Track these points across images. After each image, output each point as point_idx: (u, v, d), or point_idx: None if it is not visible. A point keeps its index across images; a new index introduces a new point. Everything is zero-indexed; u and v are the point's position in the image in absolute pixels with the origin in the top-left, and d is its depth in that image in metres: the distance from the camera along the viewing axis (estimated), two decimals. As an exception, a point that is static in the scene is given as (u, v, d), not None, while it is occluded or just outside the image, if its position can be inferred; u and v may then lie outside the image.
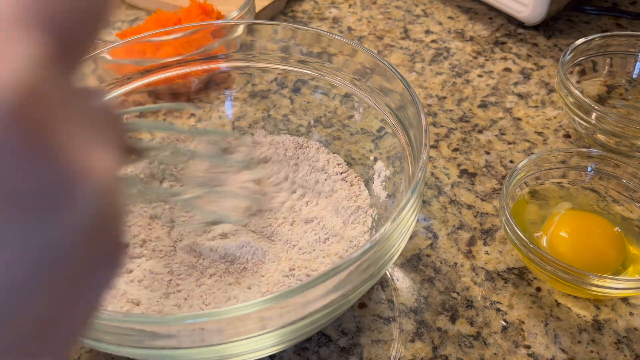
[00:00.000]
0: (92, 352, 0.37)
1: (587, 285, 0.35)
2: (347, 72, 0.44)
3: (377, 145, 0.44)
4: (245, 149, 0.47)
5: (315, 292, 0.28)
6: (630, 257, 0.39)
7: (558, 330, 0.37)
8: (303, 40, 0.45)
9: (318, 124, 0.48)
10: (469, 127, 0.53)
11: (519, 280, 0.40)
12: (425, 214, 0.45)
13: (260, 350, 0.30)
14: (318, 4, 0.72)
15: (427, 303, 0.39)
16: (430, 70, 0.60)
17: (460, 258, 0.42)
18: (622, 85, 0.54)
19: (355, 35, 0.66)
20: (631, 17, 0.66)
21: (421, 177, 0.31)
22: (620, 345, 0.36)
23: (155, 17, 0.56)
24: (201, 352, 0.28)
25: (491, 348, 0.36)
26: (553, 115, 0.54)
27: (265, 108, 0.50)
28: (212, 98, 0.52)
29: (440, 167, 0.49)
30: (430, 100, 0.56)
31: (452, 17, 0.68)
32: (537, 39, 0.64)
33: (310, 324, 0.30)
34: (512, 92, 0.57)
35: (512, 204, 0.41)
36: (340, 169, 0.45)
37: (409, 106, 0.38)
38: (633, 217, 0.42)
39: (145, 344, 0.28)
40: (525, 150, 0.50)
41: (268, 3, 0.66)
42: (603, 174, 0.43)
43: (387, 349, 0.36)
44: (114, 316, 0.27)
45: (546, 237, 0.40)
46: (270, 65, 0.48)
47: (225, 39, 0.48)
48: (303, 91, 0.49)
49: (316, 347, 0.37)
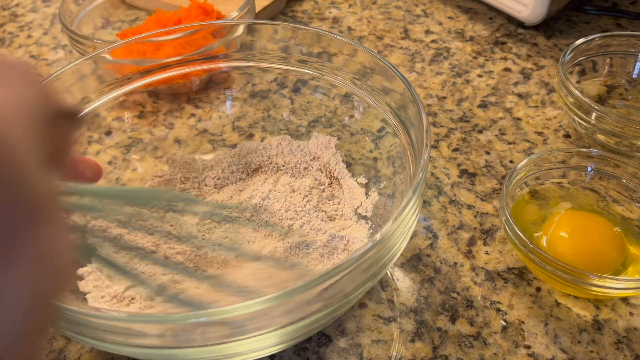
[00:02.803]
0: (92, 351, 0.37)
1: (587, 285, 0.35)
2: (348, 72, 0.44)
3: (378, 145, 0.44)
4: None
5: (315, 292, 0.28)
6: (630, 257, 0.39)
7: (558, 330, 0.37)
8: (303, 40, 0.45)
9: (318, 124, 0.48)
10: (469, 127, 0.53)
11: (519, 280, 0.40)
12: (425, 214, 0.45)
13: (260, 350, 0.30)
14: (318, 4, 0.72)
15: (427, 303, 0.39)
16: (430, 70, 0.60)
17: (460, 258, 0.42)
18: (622, 85, 0.54)
19: (355, 35, 0.66)
20: (631, 17, 0.66)
21: (422, 177, 0.31)
22: (620, 345, 0.36)
23: (155, 17, 0.56)
24: (201, 351, 0.28)
25: (491, 348, 0.36)
26: (553, 115, 0.54)
27: (265, 108, 0.50)
28: (212, 98, 0.52)
29: (440, 167, 0.49)
30: (430, 100, 0.56)
31: (452, 17, 0.68)
32: (537, 39, 0.64)
33: (310, 324, 0.30)
34: (512, 92, 0.57)
35: (512, 204, 0.41)
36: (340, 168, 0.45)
37: (409, 106, 0.38)
38: (633, 217, 0.42)
39: (145, 344, 0.28)
40: (525, 150, 0.50)
41: (268, 3, 0.66)
42: (603, 174, 0.43)
43: (387, 349, 0.36)
44: (114, 315, 0.27)
45: (546, 237, 0.40)
46: (270, 65, 0.48)
47: (225, 39, 0.48)
48: (303, 91, 0.49)
49: (316, 347, 0.37)
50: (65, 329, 0.29)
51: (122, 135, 0.48)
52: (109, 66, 0.45)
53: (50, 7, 0.76)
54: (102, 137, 0.47)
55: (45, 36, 0.70)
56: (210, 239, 0.41)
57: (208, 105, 0.52)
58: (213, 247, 0.39)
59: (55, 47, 0.67)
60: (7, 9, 0.75)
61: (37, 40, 0.69)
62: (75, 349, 0.37)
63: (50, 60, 0.65)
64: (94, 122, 0.45)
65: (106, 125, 0.47)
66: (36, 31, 0.71)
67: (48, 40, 0.69)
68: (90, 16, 0.66)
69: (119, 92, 0.46)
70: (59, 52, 0.67)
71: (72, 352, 0.37)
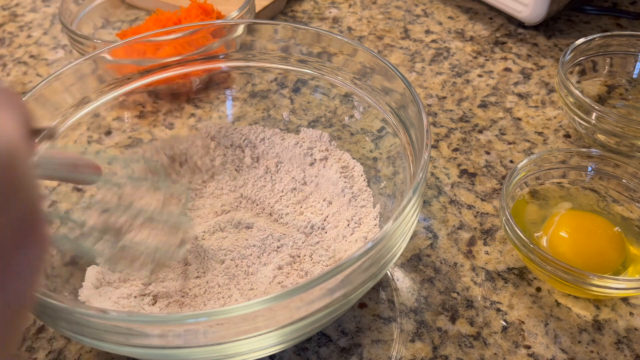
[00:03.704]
0: (92, 351, 0.37)
1: (587, 285, 0.35)
2: (348, 72, 0.44)
3: (378, 145, 0.44)
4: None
5: (316, 292, 0.28)
6: (630, 257, 0.39)
7: (558, 330, 0.37)
8: (303, 40, 0.45)
9: (318, 123, 0.48)
10: (469, 127, 0.53)
11: (519, 280, 0.40)
12: (425, 214, 0.45)
13: (260, 350, 0.30)
14: (318, 4, 0.72)
15: (427, 303, 0.39)
16: (430, 70, 0.60)
17: (460, 258, 0.42)
18: (622, 85, 0.54)
19: (355, 35, 0.66)
20: (631, 17, 0.66)
21: (422, 177, 0.31)
22: (620, 345, 0.36)
23: (155, 17, 0.56)
24: (201, 351, 0.28)
25: (491, 348, 0.36)
26: (553, 115, 0.54)
27: (265, 108, 0.50)
28: (212, 98, 0.52)
29: (440, 167, 0.49)
30: (430, 100, 0.56)
31: (452, 17, 0.68)
32: (537, 39, 0.64)
33: (311, 324, 0.30)
34: (512, 92, 0.57)
35: (512, 204, 0.41)
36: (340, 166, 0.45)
37: (410, 106, 0.38)
38: (633, 217, 0.42)
39: (146, 344, 0.28)
40: (525, 150, 0.50)
41: (268, 3, 0.66)
42: (603, 174, 0.43)
43: (387, 349, 0.36)
44: (115, 315, 0.27)
45: (546, 237, 0.40)
46: (270, 65, 0.48)
47: (225, 39, 0.48)
48: (303, 91, 0.49)
49: (316, 347, 0.37)
50: (65, 329, 0.29)
51: (122, 135, 0.48)
52: (109, 66, 0.45)
53: (50, 7, 0.76)
54: (102, 137, 0.47)
55: (45, 36, 0.70)
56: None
57: (208, 105, 0.52)
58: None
59: (55, 47, 0.67)
60: (7, 9, 0.75)
61: (37, 40, 0.69)
62: (75, 349, 0.37)
63: (50, 60, 0.65)
64: (93, 122, 0.45)
65: (106, 125, 0.47)
66: (36, 31, 0.70)
67: (48, 40, 0.69)
68: (90, 16, 0.66)
69: (119, 92, 0.46)
70: (59, 52, 0.67)
71: (72, 352, 0.37)
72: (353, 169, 0.45)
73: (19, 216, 0.14)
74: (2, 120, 0.14)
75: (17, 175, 0.14)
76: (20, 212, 0.14)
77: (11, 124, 0.14)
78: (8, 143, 0.14)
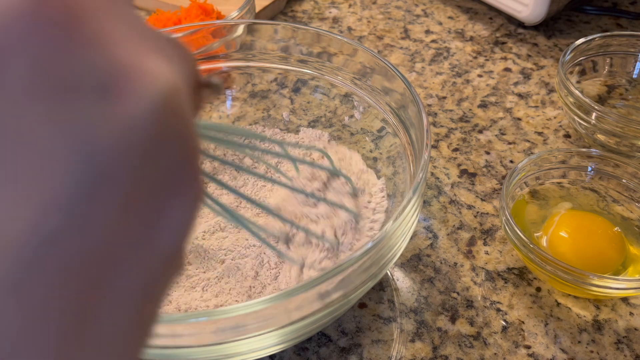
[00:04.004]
0: (92, 352, 0.37)
1: (587, 285, 0.35)
2: (348, 72, 0.44)
3: (378, 145, 0.44)
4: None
5: (315, 292, 0.28)
6: (630, 257, 0.39)
7: (558, 330, 0.37)
8: (303, 40, 0.45)
9: (318, 123, 0.48)
10: (469, 127, 0.53)
11: (519, 280, 0.40)
12: (425, 214, 0.45)
13: (260, 350, 0.30)
14: (318, 4, 0.72)
15: (427, 303, 0.39)
16: (430, 70, 0.60)
17: (460, 258, 0.42)
18: (622, 85, 0.54)
19: (355, 35, 0.66)
20: (631, 17, 0.66)
21: (422, 177, 0.31)
22: (620, 345, 0.36)
23: (155, 17, 0.56)
24: (201, 351, 0.28)
25: (491, 348, 0.36)
26: (553, 115, 0.54)
27: (265, 108, 0.50)
28: (212, 98, 0.52)
29: (440, 167, 0.49)
30: (430, 100, 0.56)
31: (452, 17, 0.68)
32: (537, 39, 0.64)
33: (311, 324, 0.30)
34: (512, 92, 0.57)
35: (512, 204, 0.41)
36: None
37: (410, 106, 0.38)
38: (633, 217, 0.42)
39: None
40: (525, 150, 0.50)
41: (268, 3, 0.66)
42: (603, 174, 0.43)
43: (387, 349, 0.36)
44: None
45: (546, 237, 0.40)
46: (270, 65, 0.48)
47: (225, 39, 0.48)
48: (303, 91, 0.49)
49: (316, 347, 0.37)
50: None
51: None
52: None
53: (50, 7, 0.75)
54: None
55: (45, 36, 0.69)
56: None
57: (208, 105, 0.52)
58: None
59: (55, 47, 0.67)
60: (7, 9, 0.75)
61: (37, 40, 0.69)
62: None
63: (50, 60, 0.65)
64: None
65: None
66: (36, 31, 0.70)
67: (48, 40, 0.69)
68: (90, 16, 0.66)
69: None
70: (59, 52, 0.67)
71: (72, 352, 0.37)
72: (351, 158, 0.45)
73: (176, 162, 0.13)
74: (165, 67, 0.13)
75: (177, 121, 0.13)
76: (178, 159, 0.13)
77: (174, 70, 0.13)
78: (170, 86, 0.12)
